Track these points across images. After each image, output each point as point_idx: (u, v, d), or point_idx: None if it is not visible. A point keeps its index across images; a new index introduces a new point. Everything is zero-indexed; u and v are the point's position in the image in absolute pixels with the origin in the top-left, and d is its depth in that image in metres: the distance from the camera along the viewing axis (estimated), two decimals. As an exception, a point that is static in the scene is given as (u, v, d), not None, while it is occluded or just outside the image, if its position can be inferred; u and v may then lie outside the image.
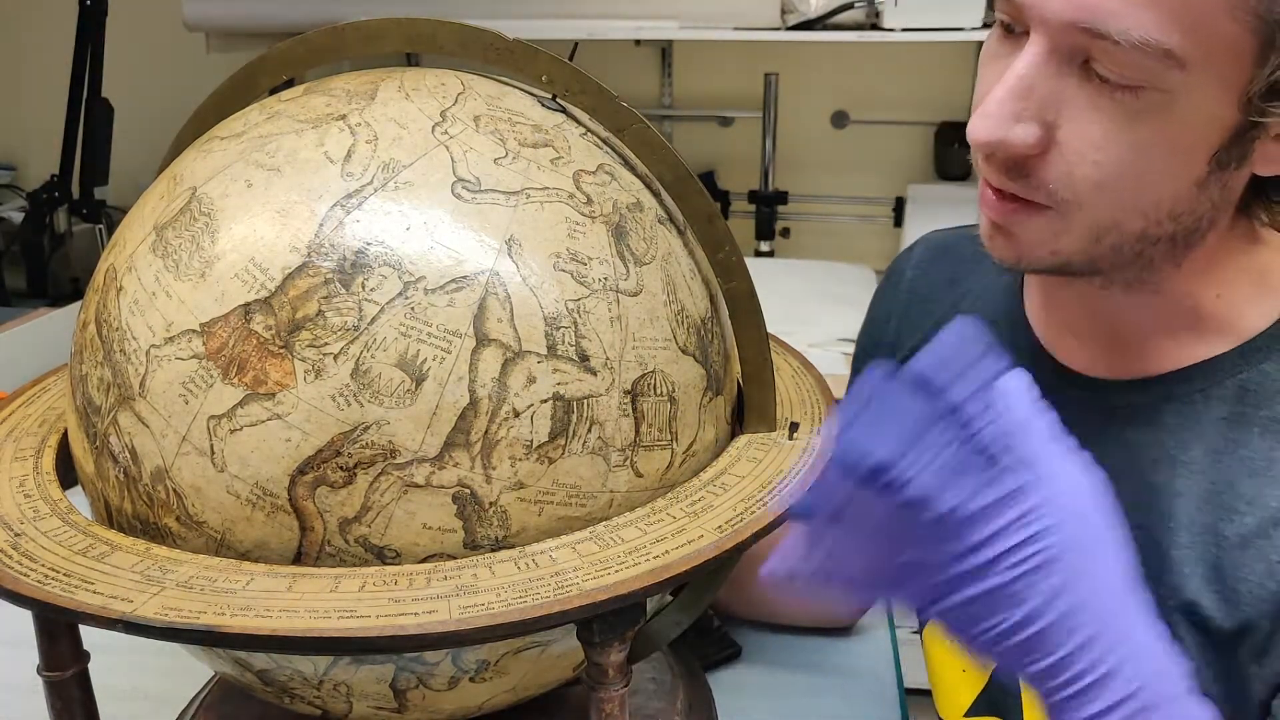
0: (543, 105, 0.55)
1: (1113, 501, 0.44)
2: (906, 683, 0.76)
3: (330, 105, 0.52)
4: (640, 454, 0.50)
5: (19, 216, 2.42)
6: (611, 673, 0.47)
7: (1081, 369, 0.61)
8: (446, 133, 0.50)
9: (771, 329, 0.58)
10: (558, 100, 0.56)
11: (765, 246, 2.24)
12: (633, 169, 0.56)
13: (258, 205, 0.48)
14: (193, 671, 0.70)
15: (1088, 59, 0.47)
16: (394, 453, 0.45)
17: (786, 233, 2.36)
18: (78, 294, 2.32)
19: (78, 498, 0.52)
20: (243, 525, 0.46)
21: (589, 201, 0.51)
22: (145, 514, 0.48)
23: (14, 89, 2.64)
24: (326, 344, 0.45)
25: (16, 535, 0.47)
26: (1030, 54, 0.48)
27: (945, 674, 0.68)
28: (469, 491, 0.46)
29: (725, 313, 0.57)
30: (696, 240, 0.56)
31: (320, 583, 0.44)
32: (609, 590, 0.43)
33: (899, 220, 2.18)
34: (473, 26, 0.54)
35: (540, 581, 0.44)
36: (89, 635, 0.46)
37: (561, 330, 0.48)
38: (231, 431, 0.45)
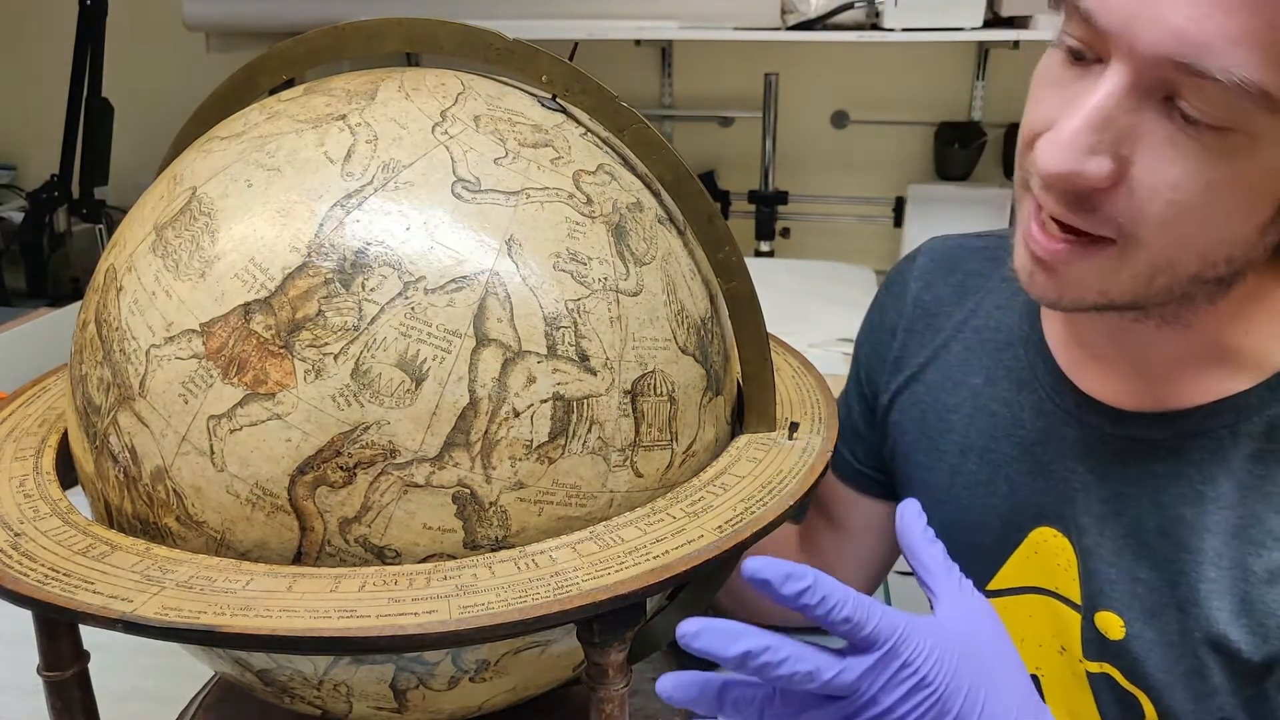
0: (543, 105, 0.55)
1: (999, 629, 0.48)
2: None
3: (330, 105, 0.52)
4: (640, 454, 0.50)
5: (19, 216, 2.42)
6: (611, 673, 0.47)
7: (1104, 398, 0.60)
8: (446, 133, 0.50)
9: (771, 329, 0.58)
10: (558, 100, 0.56)
11: (765, 246, 2.24)
12: (633, 169, 0.56)
13: (258, 205, 0.48)
14: (193, 671, 0.70)
15: (1171, 94, 0.45)
16: (394, 453, 0.45)
17: (786, 233, 2.36)
18: (78, 294, 2.32)
19: (78, 498, 0.52)
20: (243, 525, 0.46)
21: (589, 201, 0.51)
22: (145, 514, 0.48)
23: (14, 89, 2.64)
24: (326, 344, 0.45)
25: (16, 535, 0.47)
26: (1111, 85, 0.46)
27: None
28: (469, 491, 0.46)
29: (725, 313, 0.57)
30: (696, 240, 0.56)
31: (320, 583, 0.44)
32: (609, 590, 0.43)
33: (899, 220, 2.18)
34: (473, 26, 0.54)
35: (540, 581, 0.44)
36: (89, 635, 0.46)
37: (561, 330, 0.48)
38: (231, 431, 0.45)
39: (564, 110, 0.56)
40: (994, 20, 1.81)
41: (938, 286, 0.73)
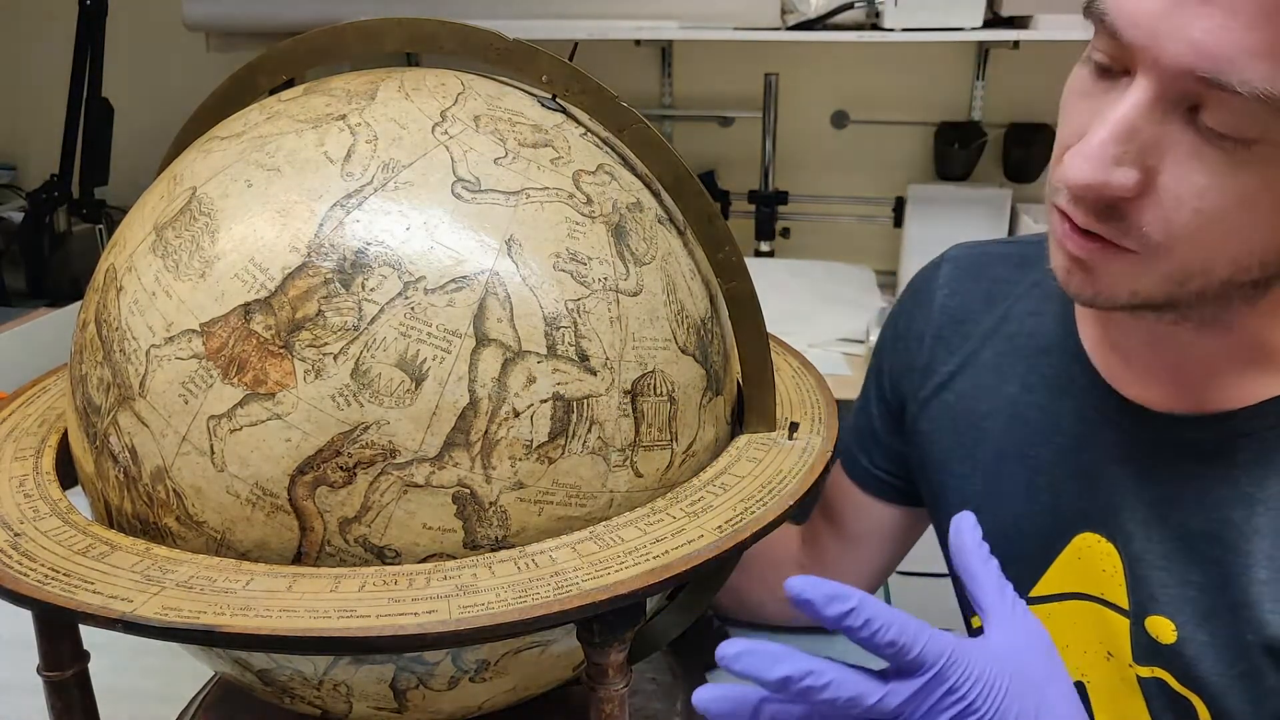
0: (543, 105, 0.55)
1: (1051, 652, 0.47)
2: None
3: (330, 105, 0.52)
4: (640, 454, 0.50)
5: (19, 216, 2.41)
6: (611, 673, 0.47)
7: (1146, 403, 0.60)
8: (446, 133, 0.50)
9: (771, 329, 0.58)
10: (558, 100, 0.56)
11: (765, 246, 2.24)
12: (633, 169, 0.56)
13: (258, 205, 0.48)
14: (193, 671, 0.70)
15: (1196, 106, 0.46)
16: (394, 453, 0.45)
17: (786, 233, 2.36)
18: (78, 294, 2.31)
19: (78, 498, 0.52)
20: (243, 525, 0.46)
21: (589, 201, 0.51)
22: (145, 514, 0.48)
23: (14, 89, 2.64)
24: (326, 344, 0.45)
25: (16, 535, 0.47)
26: (1136, 97, 0.47)
27: None
28: (469, 491, 0.46)
29: (725, 313, 0.57)
30: (696, 240, 0.56)
31: (320, 583, 0.44)
32: (609, 590, 0.43)
33: (899, 220, 2.18)
34: (473, 26, 0.54)
35: (540, 581, 0.44)
36: (89, 635, 0.46)
37: (561, 330, 0.48)
38: (231, 431, 0.45)
39: (564, 110, 0.56)
40: (994, 20, 1.81)
41: (965, 294, 0.72)
